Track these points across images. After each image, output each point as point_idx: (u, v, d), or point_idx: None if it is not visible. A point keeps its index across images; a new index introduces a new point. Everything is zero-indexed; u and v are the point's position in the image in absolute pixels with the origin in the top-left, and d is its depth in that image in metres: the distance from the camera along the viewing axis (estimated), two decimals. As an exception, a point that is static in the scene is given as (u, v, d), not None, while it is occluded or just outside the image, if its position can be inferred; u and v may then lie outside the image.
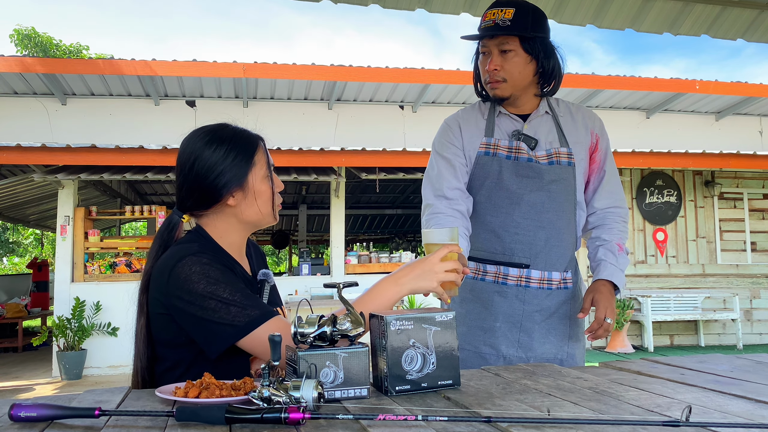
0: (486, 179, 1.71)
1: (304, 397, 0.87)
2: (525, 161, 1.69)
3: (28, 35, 16.18)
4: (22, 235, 20.05)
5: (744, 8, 2.68)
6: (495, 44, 1.67)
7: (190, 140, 1.35)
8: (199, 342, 1.22)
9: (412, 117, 9.45)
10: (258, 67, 8.17)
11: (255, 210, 1.34)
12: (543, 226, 1.69)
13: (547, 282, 1.71)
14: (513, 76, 1.68)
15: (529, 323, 1.69)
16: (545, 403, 0.95)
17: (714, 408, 0.91)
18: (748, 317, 8.57)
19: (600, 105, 9.79)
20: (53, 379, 6.75)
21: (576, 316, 1.73)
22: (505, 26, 1.64)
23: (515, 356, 1.69)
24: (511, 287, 1.70)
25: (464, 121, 1.78)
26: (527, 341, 1.69)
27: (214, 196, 1.31)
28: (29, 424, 0.86)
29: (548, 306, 1.71)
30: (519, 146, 1.70)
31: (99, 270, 7.21)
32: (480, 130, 1.75)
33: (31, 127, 8.34)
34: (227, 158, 1.30)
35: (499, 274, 1.71)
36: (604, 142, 1.80)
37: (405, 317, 1.06)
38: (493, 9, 1.67)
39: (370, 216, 14.76)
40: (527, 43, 1.66)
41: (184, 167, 1.33)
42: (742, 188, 8.81)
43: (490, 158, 1.71)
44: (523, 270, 1.69)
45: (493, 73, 1.68)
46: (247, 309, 1.20)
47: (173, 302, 1.22)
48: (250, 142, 1.35)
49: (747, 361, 1.32)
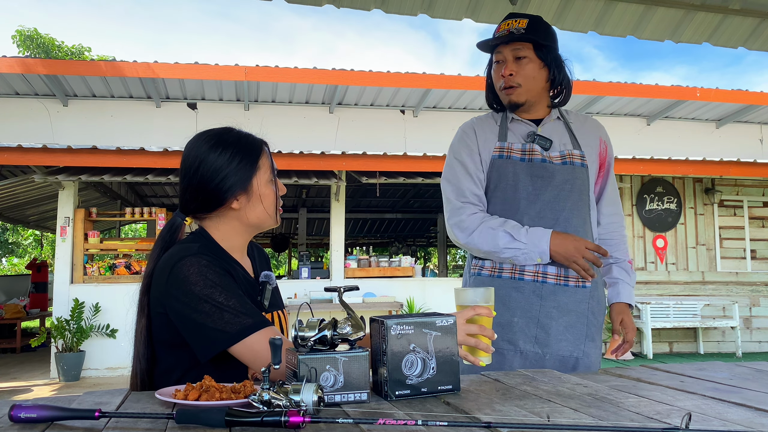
0: (501, 181, 1.76)
1: (304, 401, 0.87)
2: (539, 162, 1.75)
3: (31, 36, 16.23)
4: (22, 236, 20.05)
5: (745, 17, 2.69)
6: (510, 50, 1.74)
7: (194, 143, 1.35)
8: (191, 344, 1.22)
9: (413, 122, 9.46)
10: (259, 71, 8.18)
11: (258, 213, 1.35)
12: (559, 225, 1.73)
13: (564, 278, 1.73)
14: (527, 81, 1.74)
15: (546, 319, 1.71)
16: (545, 409, 0.95)
17: (713, 416, 0.91)
18: (748, 325, 8.57)
19: (601, 111, 9.80)
20: (51, 380, 6.74)
21: (594, 316, 1.77)
22: (520, 34, 1.72)
23: (532, 352, 1.71)
24: (527, 282, 1.72)
25: (479, 127, 1.84)
26: (544, 337, 1.71)
27: (218, 199, 1.31)
28: (29, 425, 0.86)
29: (565, 303, 1.73)
30: (533, 148, 1.76)
31: (98, 271, 7.20)
32: (494, 135, 1.81)
33: (32, 128, 8.35)
34: (232, 162, 1.31)
35: (516, 269, 1.73)
36: (611, 150, 1.89)
37: (405, 322, 1.06)
38: (507, 20, 1.76)
39: (370, 220, 14.76)
40: (540, 50, 1.74)
41: (188, 170, 1.33)
42: (743, 196, 8.81)
43: (504, 161, 1.76)
44: (539, 266, 1.72)
45: (508, 78, 1.75)
46: (240, 316, 1.20)
47: (170, 302, 1.23)
48: (254, 147, 1.36)
49: (746, 369, 1.33)
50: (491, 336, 1.23)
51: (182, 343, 1.24)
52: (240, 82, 8.28)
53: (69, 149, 6.80)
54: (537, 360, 1.70)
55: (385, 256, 8.45)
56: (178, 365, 1.26)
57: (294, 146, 7.84)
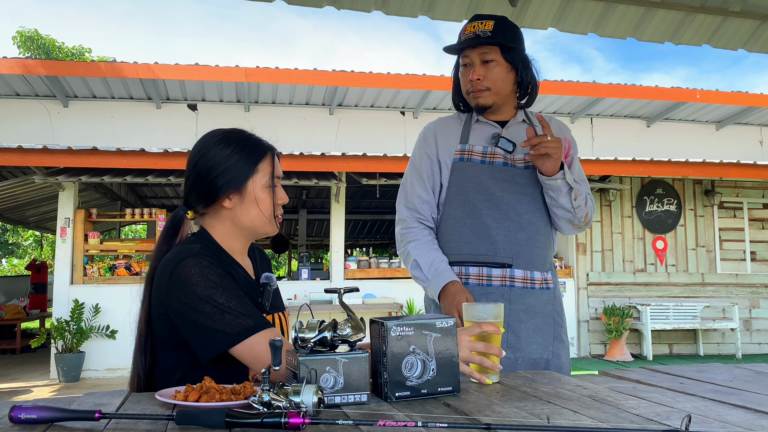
0: (464, 183, 1.76)
1: (304, 402, 0.88)
2: (500, 165, 1.75)
3: (31, 37, 16.25)
4: (22, 237, 20.05)
5: (745, 19, 2.69)
6: (477, 54, 1.74)
7: (205, 137, 1.37)
8: (191, 345, 1.22)
9: (413, 123, 9.46)
10: (260, 72, 8.19)
11: (251, 217, 1.34)
12: (523, 227, 1.74)
13: (530, 281, 1.74)
14: (496, 84, 1.74)
15: (516, 323, 1.72)
16: (545, 411, 0.95)
17: (713, 417, 0.91)
18: (748, 327, 8.56)
19: (601, 113, 9.81)
20: (51, 381, 6.74)
21: (560, 316, 1.78)
22: (486, 37, 1.71)
23: (504, 357, 1.69)
24: (495, 287, 1.72)
25: (441, 129, 1.86)
26: (515, 341, 1.71)
27: (211, 194, 1.32)
28: (29, 426, 0.86)
29: (533, 305, 1.74)
30: (494, 151, 1.76)
31: (98, 272, 7.20)
32: (456, 137, 1.82)
33: (33, 128, 8.35)
34: (230, 159, 1.32)
35: (483, 275, 1.73)
36: (575, 148, 1.88)
37: (405, 323, 1.06)
38: (473, 22, 1.76)
39: (370, 221, 14.76)
40: (507, 53, 1.74)
41: (191, 161, 1.35)
42: (742, 198, 8.81)
43: (465, 164, 1.77)
44: (506, 269, 1.72)
45: (476, 82, 1.74)
46: (241, 317, 1.20)
47: (171, 302, 1.23)
48: (258, 149, 1.36)
49: (746, 371, 1.33)
50: (498, 354, 1.20)
51: (183, 343, 1.24)
52: (240, 84, 8.29)
53: (69, 150, 6.80)
54: (509, 365, 1.67)
55: (385, 258, 8.44)
56: (179, 366, 1.26)
57: (294, 147, 7.84)
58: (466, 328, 1.21)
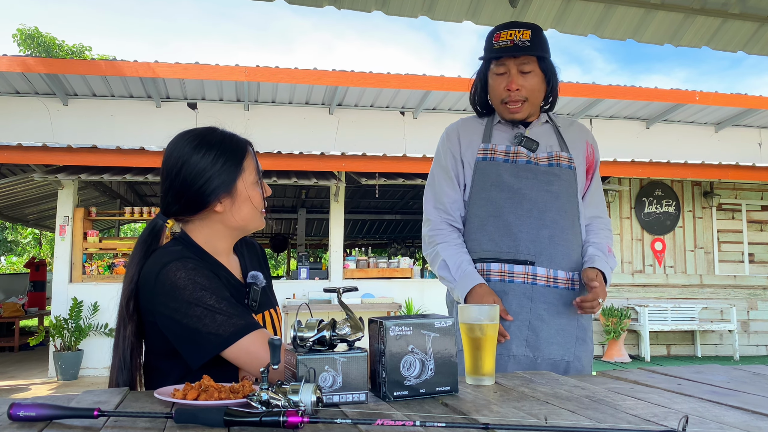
0: (487, 182, 1.75)
1: (303, 401, 0.88)
2: (524, 163, 1.75)
3: (31, 35, 16.22)
4: (21, 235, 20.02)
5: (744, 21, 2.69)
6: (515, 64, 1.71)
7: (177, 144, 1.32)
8: (181, 351, 1.19)
9: (412, 123, 9.46)
10: (260, 71, 8.18)
11: (243, 216, 1.31)
12: (546, 225, 1.72)
13: (553, 280, 1.72)
14: (533, 94, 1.74)
15: (537, 321, 1.69)
16: (543, 411, 0.95)
17: (711, 419, 0.92)
18: (745, 328, 8.57)
19: (600, 114, 9.81)
20: (49, 379, 6.73)
21: (584, 318, 1.76)
22: (525, 47, 1.69)
23: (523, 356, 1.69)
24: (517, 284, 1.70)
25: (463, 129, 1.84)
26: (534, 340, 1.69)
27: (201, 202, 1.28)
28: (28, 424, 0.86)
29: (556, 305, 1.71)
30: (518, 150, 1.75)
31: (97, 271, 7.20)
32: (479, 137, 1.81)
33: (32, 126, 8.35)
34: (216, 164, 1.28)
35: (504, 272, 1.72)
36: (598, 154, 1.90)
37: (404, 323, 1.06)
38: (509, 30, 1.72)
39: (369, 221, 14.76)
40: (543, 62, 1.73)
41: (170, 172, 1.29)
42: (741, 199, 8.82)
43: (488, 163, 1.76)
44: (528, 267, 1.70)
45: (515, 93, 1.72)
46: (232, 318, 1.17)
47: (159, 309, 1.20)
48: (239, 148, 1.32)
49: (744, 373, 1.33)
50: (493, 354, 1.20)
51: (176, 351, 1.21)
52: (240, 83, 8.29)
53: (69, 148, 6.79)
54: (529, 365, 1.67)
55: (384, 257, 8.44)
56: (172, 374, 1.23)
57: (294, 147, 7.84)
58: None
